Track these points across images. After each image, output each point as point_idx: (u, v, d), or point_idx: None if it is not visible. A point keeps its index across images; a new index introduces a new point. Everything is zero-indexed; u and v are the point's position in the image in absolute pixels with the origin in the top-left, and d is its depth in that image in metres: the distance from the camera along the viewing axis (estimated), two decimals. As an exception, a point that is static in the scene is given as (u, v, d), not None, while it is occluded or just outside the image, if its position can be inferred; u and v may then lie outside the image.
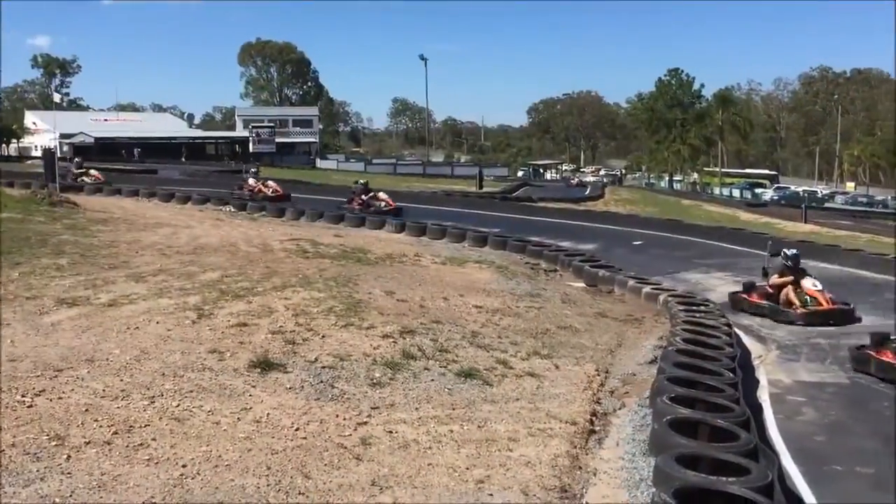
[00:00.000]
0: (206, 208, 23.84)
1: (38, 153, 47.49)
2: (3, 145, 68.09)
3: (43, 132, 60.41)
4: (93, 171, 31.98)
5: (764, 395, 8.87)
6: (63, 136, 57.46)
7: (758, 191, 63.72)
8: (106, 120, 73.39)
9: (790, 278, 13.34)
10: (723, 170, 77.77)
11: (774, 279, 13.59)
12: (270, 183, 29.37)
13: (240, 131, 74.16)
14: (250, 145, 69.64)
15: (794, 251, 13.90)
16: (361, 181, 27.29)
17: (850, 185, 79.48)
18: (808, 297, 13.06)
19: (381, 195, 26.07)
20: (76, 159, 34.86)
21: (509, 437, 6.25)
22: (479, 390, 7.44)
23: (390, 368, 7.66)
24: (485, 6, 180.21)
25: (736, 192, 63.74)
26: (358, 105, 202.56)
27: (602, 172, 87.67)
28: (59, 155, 34.24)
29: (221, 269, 12.03)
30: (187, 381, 6.76)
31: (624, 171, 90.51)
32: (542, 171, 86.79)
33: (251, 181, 29.15)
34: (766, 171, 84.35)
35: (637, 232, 24.88)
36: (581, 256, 17.40)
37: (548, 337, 10.02)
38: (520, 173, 78.70)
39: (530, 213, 30.11)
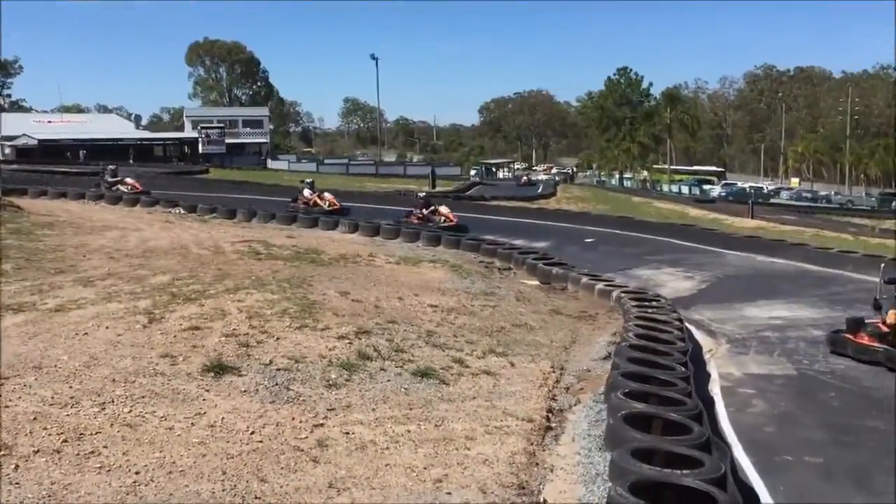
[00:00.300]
0: (154, 210, 23.41)
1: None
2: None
3: (-16, 135, 58.74)
4: (129, 180, 28.93)
5: (715, 389, 9.04)
6: (5, 138, 55.97)
7: (706, 187, 64.81)
8: (49, 122, 71.36)
9: None
10: (671, 167, 79.12)
11: (891, 316, 10.11)
12: (327, 195, 26.73)
13: (188, 132, 72.81)
14: (199, 146, 68.54)
15: None
16: (421, 193, 25.18)
17: (794, 181, 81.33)
18: None
19: (443, 209, 23.63)
20: (110, 166, 30.43)
21: (466, 436, 6.26)
22: (436, 389, 7.45)
23: (346, 369, 7.62)
24: (434, 6, 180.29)
25: (685, 189, 64.80)
26: (309, 105, 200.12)
27: (554, 171, 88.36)
28: (0, 158, 32.66)
29: (172, 271, 11.83)
30: (139, 387, 6.63)
31: (575, 168, 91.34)
32: (494, 169, 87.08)
33: (306, 193, 26.66)
34: (714, 168, 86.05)
35: (589, 229, 25.16)
36: (534, 254, 17.53)
37: (503, 335, 10.07)
38: (472, 172, 78.89)
39: (484, 212, 30.19)
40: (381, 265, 14.80)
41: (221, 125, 71.75)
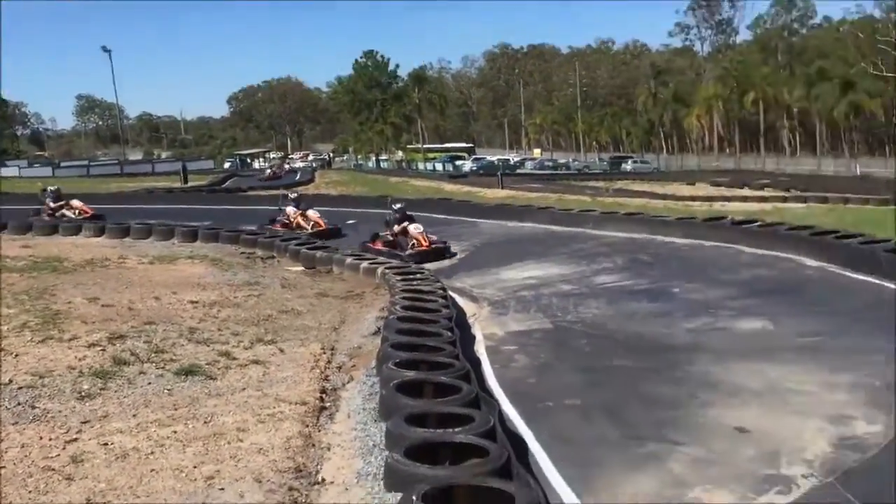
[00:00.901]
0: None
1: None
2: None
3: None
4: (76, 202, 23.59)
5: (481, 349, 9.41)
6: None
7: (458, 163, 67.52)
8: None
9: None
10: (425, 146, 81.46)
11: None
12: (312, 213, 20.84)
13: None
14: None
15: None
16: (396, 205, 18.19)
17: (536, 152, 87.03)
18: None
19: (413, 229, 17.07)
20: (50, 188, 24.70)
21: (238, 428, 6.04)
22: (203, 386, 7.12)
23: (100, 378, 7.07)
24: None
25: (439, 166, 67.07)
26: (36, 105, 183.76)
27: (311, 157, 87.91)
28: None
29: None
30: None
31: (332, 154, 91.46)
32: (249, 160, 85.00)
33: (290, 210, 20.93)
34: (464, 144, 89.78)
35: (351, 211, 25.28)
36: (297, 240, 17.30)
37: (270, 323, 9.84)
38: (226, 165, 76.52)
39: (242, 203, 29.58)
40: (133, 266, 13.92)
41: (-70, 132, 63.75)
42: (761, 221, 17.27)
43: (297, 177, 51.81)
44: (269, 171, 56.75)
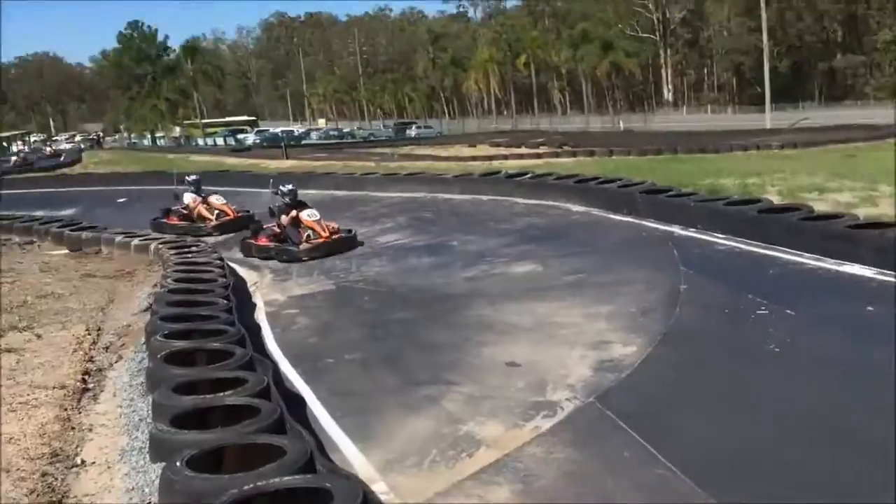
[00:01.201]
0: None
1: None
2: None
3: None
4: None
5: (261, 316, 9.24)
6: None
7: (240, 136, 65.41)
8: None
9: None
10: (204, 121, 78.10)
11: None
12: (215, 200, 16.65)
13: None
14: None
15: None
16: (285, 187, 13.75)
17: (321, 122, 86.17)
18: None
19: (307, 217, 13.11)
20: None
21: (-15, 420, 5.51)
22: (-58, 382, 6.41)
23: None
24: None
25: (220, 141, 64.71)
26: None
27: (78, 138, 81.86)
28: None
29: None
30: None
31: (102, 133, 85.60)
32: (5, 144, 77.64)
33: (188, 198, 16.63)
34: (246, 118, 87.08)
35: (121, 189, 23.91)
36: (60, 222, 16.10)
37: (25, 309, 9.06)
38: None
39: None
40: None
41: None
42: (532, 173, 18.12)
43: (63, 158, 48.00)
44: (14, 157, 46.89)
